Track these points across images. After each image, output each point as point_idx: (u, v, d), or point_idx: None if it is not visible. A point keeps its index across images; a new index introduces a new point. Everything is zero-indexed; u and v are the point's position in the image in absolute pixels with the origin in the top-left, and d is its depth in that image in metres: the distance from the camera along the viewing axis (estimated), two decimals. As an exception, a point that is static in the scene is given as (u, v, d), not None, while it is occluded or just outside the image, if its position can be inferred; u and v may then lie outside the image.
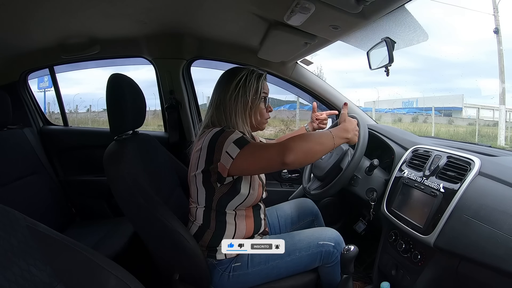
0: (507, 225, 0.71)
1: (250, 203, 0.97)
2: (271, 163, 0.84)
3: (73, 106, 9.91)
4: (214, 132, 0.91)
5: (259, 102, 1.00)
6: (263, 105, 1.02)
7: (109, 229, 1.46)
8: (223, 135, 0.89)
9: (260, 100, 1.00)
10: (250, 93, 0.98)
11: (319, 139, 0.86)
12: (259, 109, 1.01)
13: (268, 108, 1.05)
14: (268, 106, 1.05)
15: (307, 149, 0.83)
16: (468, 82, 21.29)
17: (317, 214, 1.24)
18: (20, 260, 0.49)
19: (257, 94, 0.99)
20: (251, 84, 0.99)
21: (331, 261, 0.99)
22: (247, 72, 1.00)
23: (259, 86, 0.99)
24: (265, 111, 1.04)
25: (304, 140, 0.83)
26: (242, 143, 0.86)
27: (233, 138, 0.87)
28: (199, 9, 1.20)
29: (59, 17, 1.21)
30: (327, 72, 20.00)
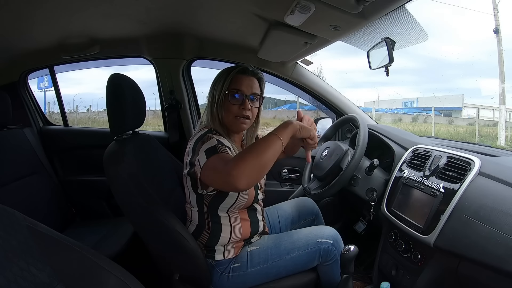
0: (507, 225, 0.71)
1: (242, 205, 0.96)
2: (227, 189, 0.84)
3: (73, 106, 9.93)
4: (198, 135, 0.91)
5: (223, 97, 0.95)
6: (233, 101, 0.94)
7: (109, 229, 1.46)
8: (201, 141, 0.87)
9: (223, 94, 0.94)
10: (217, 88, 0.96)
11: (265, 146, 0.77)
12: (225, 105, 0.95)
13: (242, 106, 0.95)
14: (243, 103, 0.95)
15: (257, 166, 0.75)
16: (468, 82, 21.35)
17: (317, 213, 1.24)
18: (20, 260, 0.49)
19: (222, 88, 0.95)
20: (220, 79, 0.96)
21: (330, 259, 0.99)
22: (226, 69, 0.98)
23: (226, 80, 0.95)
24: (236, 108, 0.95)
25: (250, 156, 0.75)
26: (210, 152, 0.82)
27: (205, 147, 0.83)
28: (199, 9, 1.20)
29: (59, 17, 1.21)
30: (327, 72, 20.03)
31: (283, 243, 0.99)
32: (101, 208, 1.69)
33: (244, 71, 0.98)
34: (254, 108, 0.98)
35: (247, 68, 0.98)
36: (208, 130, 0.94)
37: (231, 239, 0.96)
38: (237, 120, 0.96)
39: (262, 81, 1.02)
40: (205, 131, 0.93)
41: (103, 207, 1.70)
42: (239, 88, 0.95)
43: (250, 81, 0.97)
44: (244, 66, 0.98)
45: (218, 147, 0.83)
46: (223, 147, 0.85)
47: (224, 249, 0.96)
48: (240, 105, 0.95)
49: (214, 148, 0.83)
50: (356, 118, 1.26)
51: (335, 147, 1.25)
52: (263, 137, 0.82)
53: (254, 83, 0.98)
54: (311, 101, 1.74)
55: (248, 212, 1.00)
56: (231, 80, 0.96)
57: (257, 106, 1.00)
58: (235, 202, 0.94)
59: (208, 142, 0.85)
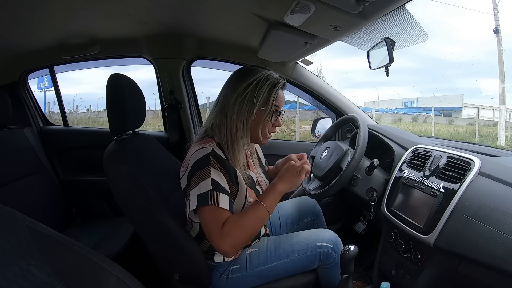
0: (507, 225, 0.71)
1: None
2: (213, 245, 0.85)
3: (73, 106, 9.95)
4: (196, 158, 0.84)
5: (267, 116, 0.88)
6: (273, 120, 0.91)
7: (109, 229, 1.46)
8: (199, 173, 0.82)
9: (268, 113, 0.88)
10: (258, 102, 0.86)
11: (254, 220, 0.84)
12: (264, 123, 0.90)
13: (276, 123, 0.93)
14: (277, 120, 0.92)
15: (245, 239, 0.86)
16: (468, 82, 21.35)
17: (318, 213, 1.24)
18: (20, 260, 0.49)
19: (266, 105, 0.87)
20: (262, 91, 0.86)
21: (329, 262, 0.98)
22: (262, 77, 0.87)
23: (271, 97, 0.87)
24: (271, 125, 0.92)
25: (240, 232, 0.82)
26: (202, 201, 0.81)
27: (197, 191, 0.81)
28: (199, 9, 1.20)
29: (59, 17, 1.21)
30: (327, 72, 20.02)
31: (282, 245, 0.98)
32: (101, 208, 1.69)
33: (283, 87, 0.92)
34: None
35: (286, 83, 0.93)
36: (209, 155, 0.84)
37: None
38: (267, 136, 0.94)
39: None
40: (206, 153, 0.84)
41: (103, 207, 1.70)
42: (278, 104, 0.90)
43: (283, 96, 0.94)
44: (285, 81, 0.92)
45: (211, 194, 0.80)
46: (216, 194, 0.81)
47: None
48: (275, 122, 0.93)
49: (206, 196, 0.80)
50: (356, 118, 1.26)
51: (335, 147, 1.25)
52: (253, 207, 0.86)
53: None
54: (311, 101, 1.74)
55: None
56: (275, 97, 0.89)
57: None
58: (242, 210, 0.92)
59: (203, 184, 0.81)
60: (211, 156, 0.84)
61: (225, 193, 0.83)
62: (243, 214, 0.85)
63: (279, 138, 6.16)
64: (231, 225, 0.82)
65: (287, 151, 1.58)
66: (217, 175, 0.83)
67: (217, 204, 0.81)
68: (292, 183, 0.87)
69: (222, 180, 0.84)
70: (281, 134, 7.88)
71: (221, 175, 0.84)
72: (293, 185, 0.87)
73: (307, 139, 4.95)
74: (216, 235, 0.81)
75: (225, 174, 0.86)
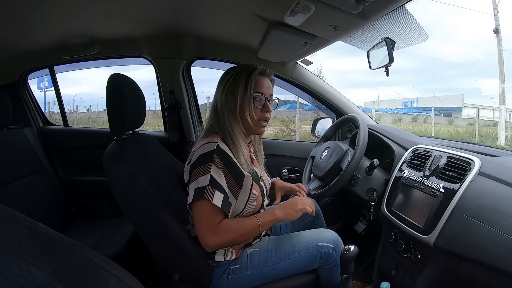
0: (507, 225, 0.71)
1: (249, 213, 0.95)
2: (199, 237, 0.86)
3: (73, 106, 9.95)
4: (201, 153, 0.86)
5: (248, 101, 0.91)
6: (257, 105, 0.93)
7: (109, 229, 1.46)
8: (200, 168, 0.85)
9: (250, 98, 0.91)
10: (238, 91, 0.91)
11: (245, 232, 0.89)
12: (250, 109, 0.92)
13: (264, 109, 0.94)
14: (265, 105, 0.94)
15: (233, 243, 0.91)
16: (468, 82, 21.34)
17: (318, 213, 1.24)
18: (20, 260, 0.49)
19: (246, 91, 0.91)
20: (240, 81, 0.91)
21: (330, 262, 0.98)
22: (240, 68, 0.94)
23: (249, 82, 0.91)
24: (259, 111, 0.94)
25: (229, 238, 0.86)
26: (198, 194, 0.83)
27: (196, 184, 0.84)
28: (199, 9, 1.20)
29: (59, 17, 1.21)
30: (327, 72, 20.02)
31: (283, 245, 0.98)
32: (101, 208, 1.69)
33: (263, 72, 0.95)
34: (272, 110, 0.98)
35: (265, 69, 0.96)
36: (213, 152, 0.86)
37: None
38: (259, 124, 0.96)
39: (273, 81, 1.02)
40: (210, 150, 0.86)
41: (103, 207, 1.69)
42: (261, 90, 0.93)
43: (268, 83, 0.96)
44: (263, 67, 0.96)
45: (207, 189, 0.83)
46: (212, 190, 0.83)
47: (224, 251, 0.96)
48: (263, 108, 0.94)
49: (202, 190, 0.83)
50: (356, 118, 1.26)
51: (335, 147, 1.25)
52: (250, 219, 0.90)
53: (271, 85, 0.99)
54: (311, 101, 1.74)
55: None
56: (254, 82, 0.92)
57: (274, 107, 1.00)
58: (242, 210, 0.94)
59: (202, 179, 0.84)
60: (215, 153, 0.86)
61: (221, 192, 0.84)
62: (239, 222, 0.89)
63: (279, 138, 6.17)
64: (224, 228, 0.85)
65: (287, 151, 1.59)
66: (217, 173, 0.85)
67: (211, 200, 0.82)
68: (289, 216, 0.92)
69: (221, 179, 0.85)
70: (281, 134, 7.88)
71: (221, 174, 0.86)
72: (288, 217, 0.92)
73: (307, 139, 4.95)
74: (206, 229, 0.84)
75: (227, 173, 0.87)
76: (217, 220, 0.85)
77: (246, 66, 0.95)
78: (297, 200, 0.95)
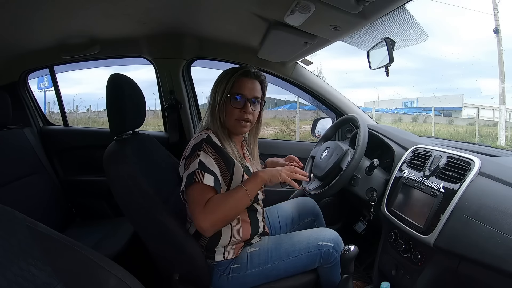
0: (507, 225, 0.71)
1: None
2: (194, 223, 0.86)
3: (73, 106, 9.94)
4: (194, 143, 0.91)
5: (225, 100, 0.95)
6: (235, 105, 0.95)
7: (109, 229, 1.46)
8: (191, 157, 0.88)
9: (227, 98, 0.94)
10: (219, 90, 0.95)
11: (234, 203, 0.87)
12: (227, 108, 0.95)
13: (244, 109, 0.95)
14: (245, 106, 0.95)
15: (224, 220, 0.88)
16: (468, 82, 21.31)
17: (318, 214, 1.24)
18: (20, 260, 0.49)
19: (224, 91, 0.94)
20: (223, 81, 0.96)
21: (330, 261, 0.99)
22: (228, 70, 0.98)
23: (228, 83, 0.94)
24: (237, 111, 0.95)
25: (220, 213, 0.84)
26: (189, 180, 0.85)
27: (188, 171, 0.87)
28: (199, 9, 1.20)
29: (59, 17, 1.21)
30: (327, 72, 20.01)
31: (283, 245, 0.99)
32: (101, 208, 1.69)
33: (246, 73, 0.97)
34: (255, 112, 0.99)
35: (249, 70, 0.98)
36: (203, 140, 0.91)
37: (231, 240, 0.96)
38: (238, 124, 0.97)
39: (264, 83, 1.02)
40: (201, 139, 0.91)
41: (103, 207, 1.70)
42: (241, 91, 0.95)
43: (252, 84, 0.97)
44: (247, 68, 0.98)
45: (197, 172, 0.85)
46: (201, 172, 0.85)
47: (224, 250, 0.96)
48: (242, 109, 0.95)
49: (192, 175, 0.85)
50: (356, 118, 1.26)
51: (335, 147, 1.25)
52: (235, 189, 0.90)
53: (256, 86, 0.98)
54: (311, 101, 1.74)
55: (248, 213, 1.00)
56: (233, 83, 0.95)
57: (258, 109, 1.01)
58: None
59: (192, 165, 0.87)
60: (205, 141, 0.91)
61: (211, 174, 0.86)
62: (226, 194, 0.89)
63: (279, 138, 6.17)
64: (213, 204, 0.84)
65: (287, 151, 1.58)
66: (205, 157, 0.88)
67: (201, 181, 0.84)
68: (273, 178, 0.91)
69: (209, 162, 0.88)
70: (281, 134, 7.88)
71: (210, 159, 0.89)
72: (273, 179, 0.91)
73: (307, 139, 4.94)
74: (199, 212, 0.83)
75: (218, 158, 0.91)
76: (207, 199, 0.85)
77: (232, 68, 0.98)
78: (284, 168, 0.95)
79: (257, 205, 1.03)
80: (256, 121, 1.03)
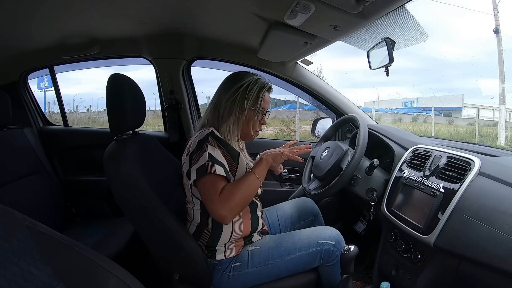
0: (507, 225, 0.71)
1: None
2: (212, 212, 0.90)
3: (73, 106, 9.94)
4: (199, 138, 0.93)
5: (255, 115, 1.00)
6: (260, 119, 1.03)
7: (109, 229, 1.46)
8: (198, 151, 0.91)
9: (257, 112, 1.00)
10: (248, 102, 0.98)
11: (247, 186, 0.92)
12: (253, 121, 1.01)
13: (262, 121, 1.04)
14: (263, 119, 1.04)
15: (241, 205, 0.92)
16: (468, 82, 21.26)
17: (317, 214, 1.24)
18: (20, 260, 0.49)
19: (255, 105, 0.99)
20: (252, 93, 0.98)
21: (331, 260, 0.99)
22: (251, 80, 0.99)
23: (259, 98, 0.99)
24: (257, 123, 1.03)
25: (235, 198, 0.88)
26: (200, 172, 0.89)
27: (197, 165, 0.89)
28: (199, 9, 1.20)
29: (59, 17, 1.21)
30: (327, 72, 19.99)
31: (284, 243, 0.99)
32: (101, 208, 1.69)
33: (270, 89, 1.04)
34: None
35: (271, 86, 1.04)
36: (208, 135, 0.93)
37: (232, 237, 0.96)
38: (255, 134, 1.05)
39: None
40: (206, 134, 0.94)
41: (103, 207, 1.69)
42: (266, 106, 1.03)
43: (268, 98, 1.04)
44: (271, 85, 1.04)
45: (208, 164, 0.88)
46: (212, 164, 0.88)
47: (225, 248, 0.97)
48: (261, 120, 1.04)
49: (203, 167, 0.88)
50: (356, 118, 1.26)
51: (335, 147, 1.25)
52: (245, 175, 0.95)
53: None
54: (311, 101, 1.74)
55: (249, 207, 1.01)
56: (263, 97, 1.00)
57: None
58: None
59: (201, 158, 0.90)
60: (210, 135, 0.94)
61: (220, 165, 0.90)
62: (237, 181, 0.94)
63: (279, 138, 6.17)
64: (228, 191, 0.89)
65: (287, 151, 1.58)
66: (213, 150, 0.91)
67: (214, 172, 0.88)
68: (276, 158, 0.99)
69: (217, 155, 0.91)
70: (281, 134, 7.88)
71: (216, 150, 0.92)
72: (276, 158, 0.99)
73: (307, 139, 4.94)
74: (216, 201, 0.87)
75: (224, 151, 0.94)
76: (221, 188, 0.89)
77: (258, 79, 1.01)
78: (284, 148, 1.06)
79: (255, 199, 1.04)
80: None
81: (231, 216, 0.89)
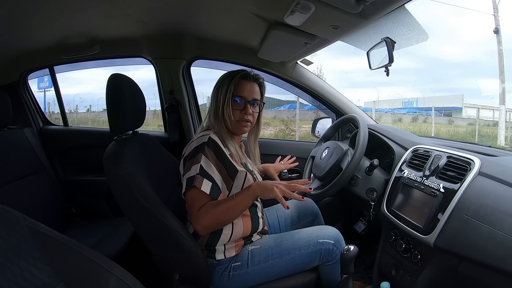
0: (507, 225, 0.71)
1: None
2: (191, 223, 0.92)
3: (73, 106, 9.95)
4: (195, 145, 0.94)
5: (227, 102, 0.98)
6: (235, 107, 0.99)
7: (109, 229, 1.46)
8: (193, 159, 0.92)
9: (228, 100, 0.98)
10: (221, 93, 0.99)
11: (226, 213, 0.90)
12: (229, 111, 0.98)
13: (244, 111, 1.00)
14: (245, 108, 1.00)
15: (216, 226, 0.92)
16: (468, 82, 21.29)
17: (317, 214, 1.24)
18: (20, 260, 0.49)
19: (226, 93, 0.98)
20: (224, 83, 1.00)
21: (331, 259, 0.99)
22: (228, 73, 1.02)
23: (230, 85, 0.99)
24: (238, 113, 1.00)
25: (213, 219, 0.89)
26: (189, 183, 0.90)
27: (188, 174, 0.91)
28: (199, 9, 1.20)
29: (59, 17, 1.21)
30: (327, 72, 20.01)
31: (284, 242, 0.99)
32: (101, 208, 1.69)
33: (245, 76, 1.01)
34: (255, 113, 1.04)
35: (249, 73, 1.03)
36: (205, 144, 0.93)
37: (232, 237, 0.97)
38: (239, 124, 1.01)
39: (262, 86, 1.06)
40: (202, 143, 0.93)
41: (103, 207, 1.69)
42: (241, 94, 1.00)
43: (251, 87, 1.02)
44: (246, 71, 1.02)
45: (197, 177, 0.89)
46: (201, 178, 0.89)
47: (224, 248, 0.97)
48: (242, 110, 1.00)
49: (192, 179, 0.89)
50: (356, 118, 1.26)
51: (335, 147, 1.25)
52: (226, 199, 0.92)
53: (255, 88, 1.03)
54: (311, 101, 1.74)
55: (249, 208, 1.00)
56: (234, 85, 0.99)
57: (257, 111, 1.05)
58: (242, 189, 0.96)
59: (193, 169, 0.90)
60: (206, 145, 0.93)
61: (210, 180, 0.90)
62: (217, 202, 0.91)
63: (279, 138, 6.17)
64: (206, 208, 0.89)
65: (287, 151, 1.58)
66: (206, 163, 0.91)
67: (199, 187, 0.88)
68: (265, 192, 0.90)
69: (210, 169, 0.91)
70: (281, 134, 7.88)
71: (210, 165, 0.92)
72: (264, 193, 0.90)
73: (307, 139, 4.94)
74: (193, 215, 0.90)
75: (219, 165, 0.94)
76: (202, 204, 0.90)
77: (234, 71, 1.02)
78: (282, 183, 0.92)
79: (256, 201, 1.04)
80: (256, 122, 1.08)
81: (204, 231, 0.91)
